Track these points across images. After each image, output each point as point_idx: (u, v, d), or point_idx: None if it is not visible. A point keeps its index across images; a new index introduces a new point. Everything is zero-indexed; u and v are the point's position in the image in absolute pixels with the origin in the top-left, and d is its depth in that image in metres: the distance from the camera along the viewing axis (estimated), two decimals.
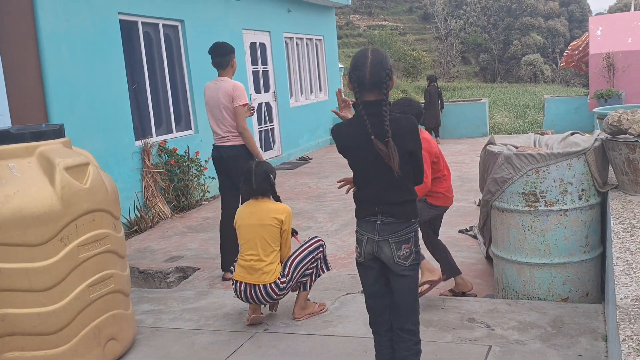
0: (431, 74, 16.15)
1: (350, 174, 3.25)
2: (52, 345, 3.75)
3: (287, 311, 4.78)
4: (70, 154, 3.93)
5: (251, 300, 4.50)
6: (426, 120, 14.36)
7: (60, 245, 3.72)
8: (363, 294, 3.36)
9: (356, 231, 3.21)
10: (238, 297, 4.58)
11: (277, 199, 4.65)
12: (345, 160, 3.16)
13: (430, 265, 4.66)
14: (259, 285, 4.42)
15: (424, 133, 3.84)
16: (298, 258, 4.54)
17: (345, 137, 3.12)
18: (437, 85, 14.92)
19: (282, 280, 4.45)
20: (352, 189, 3.27)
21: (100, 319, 4.01)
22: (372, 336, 3.33)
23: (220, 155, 5.91)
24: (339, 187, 3.52)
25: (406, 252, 3.11)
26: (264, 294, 4.44)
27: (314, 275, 4.65)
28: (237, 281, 4.51)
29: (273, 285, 4.42)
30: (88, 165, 3.98)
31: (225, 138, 5.87)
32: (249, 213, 4.52)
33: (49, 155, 3.78)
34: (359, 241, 3.18)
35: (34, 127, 4.00)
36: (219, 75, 5.97)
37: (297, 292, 4.68)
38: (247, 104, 5.84)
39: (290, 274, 4.48)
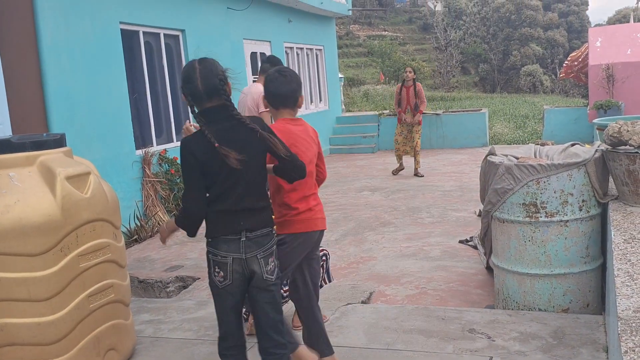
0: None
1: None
2: (51, 356, 3.73)
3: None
4: (71, 164, 3.93)
5: None
6: None
7: (61, 255, 3.71)
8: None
9: (210, 253, 3.06)
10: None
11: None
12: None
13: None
14: None
15: (277, 124, 3.60)
16: None
17: (196, 150, 2.95)
18: None
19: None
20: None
21: (100, 329, 4.00)
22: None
23: None
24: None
25: (272, 266, 3.06)
26: None
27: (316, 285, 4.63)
28: None
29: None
30: (89, 174, 3.97)
31: None
32: None
33: (49, 164, 3.78)
34: (220, 264, 3.01)
35: (34, 136, 4.00)
36: (256, 82, 6.31)
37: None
38: (263, 111, 5.99)
39: None
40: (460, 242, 6.82)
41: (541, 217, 4.44)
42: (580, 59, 15.60)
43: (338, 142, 16.33)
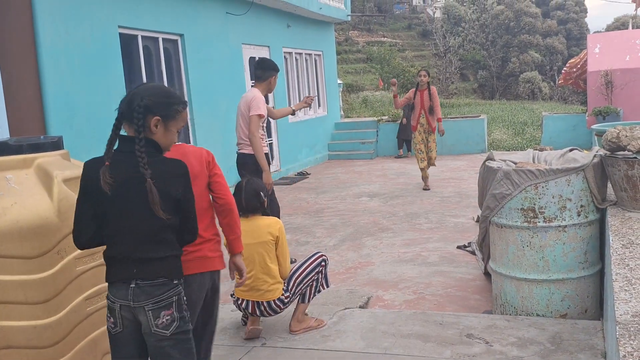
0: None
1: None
2: (47, 359, 3.71)
3: (284, 326, 4.75)
4: (69, 166, 3.91)
5: (254, 314, 4.49)
6: (404, 132, 15.53)
7: (57, 258, 3.69)
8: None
9: (107, 297, 2.82)
10: (240, 310, 4.58)
11: (266, 214, 4.61)
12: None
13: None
14: (263, 301, 4.42)
15: (186, 147, 3.40)
16: (302, 275, 4.53)
17: (93, 177, 2.71)
18: None
19: (285, 295, 4.45)
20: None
21: (97, 332, 3.98)
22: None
23: (237, 160, 6.38)
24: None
25: (166, 320, 2.68)
26: (268, 309, 4.43)
27: (313, 288, 4.63)
28: (239, 298, 4.50)
29: (277, 301, 4.42)
30: None
31: (240, 145, 6.25)
32: (243, 232, 4.50)
33: (47, 167, 3.76)
34: (111, 310, 2.78)
35: (32, 139, 3.99)
36: (254, 87, 6.35)
37: (295, 304, 4.67)
38: (261, 115, 6.06)
39: (293, 289, 4.49)
40: (458, 247, 6.82)
41: (539, 222, 4.44)
42: (579, 66, 15.63)
43: (336, 148, 16.33)
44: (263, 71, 6.29)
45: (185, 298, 2.80)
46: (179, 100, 2.84)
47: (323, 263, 4.65)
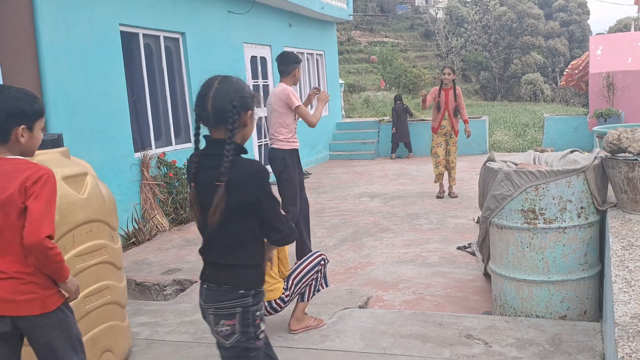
0: (396, 95, 17.18)
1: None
2: None
3: (284, 325, 4.75)
4: (68, 164, 3.92)
5: None
6: (398, 136, 15.63)
7: None
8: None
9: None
10: None
11: None
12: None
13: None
14: (264, 301, 4.41)
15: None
16: (301, 274, 4.53)
17: (188, 172, 2.69)
18: (402, 103, 15.98)
19: (285, 294, 4.46)
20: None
21: (96, 330, 3.98)
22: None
23: (267, 155, 6.51)
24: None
25: (226, 330, 2.62)
26: (268, 309, 4.44)
27: (312, 287, 4.63)
28: None
29: (278, 300, 4.42)
30: (86, 175, 3.96)
31: (270, 140, 6.44)
32: None
33: (46, 164, 3.76)
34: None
35: None
36: (279, 82, 6.52)
37: (295, 304, 4.67)
38: (298, 105, 6.29)
39: (293, 287, 4.49)
40: (459, 248, 6.81)
41: (539, 223, 4.43)
42: (581, 67, 15.62)
43: (338, 148, 16.33)
44: (285, 66, 6.39)
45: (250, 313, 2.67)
46: (250, 91, 2.70)
47: (322, 262, 4.64)
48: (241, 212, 2.58)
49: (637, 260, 3.24)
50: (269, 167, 6.04)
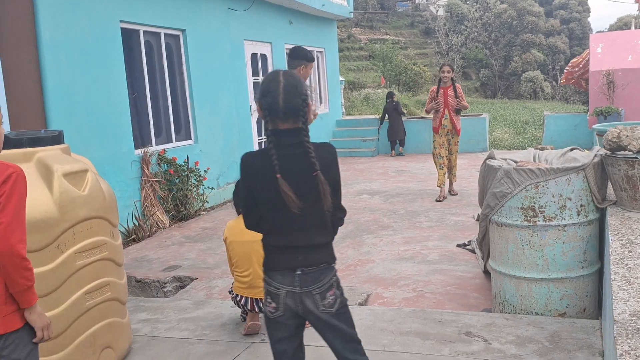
0: (389, 91, 17.15)
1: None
2: (46, 353, 3.72)
3: None
4: (69, 161, 3.92)
5: (252, 310, 4.50)
6: (391, 133, 15.61)
7: (57, 252, 3.71)
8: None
9: (265, 282, 2.82)
10: (239, 306, 4.59)
11: None
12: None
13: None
14: (261, 299, 4.42)
15: None
16: None
17: (256, 170, 2.71)
18: (393, 100, 15.90)
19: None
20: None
21: (96, 326, 3.99)
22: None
23: None
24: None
25: (331, 300, 2.80)
26: (261, 308, 4.45)
27: None
28: (237, 294, 4.52)
29: None
30: (86, 172, 3.97)
31: None
32: (240, 229, 4.51)
33: (47, 161, 3.77)
34: (273, 295, 2.78)
35: (32, 132, 4.00)
36: None
37: None
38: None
39: None
40: (458, 246, 6.82)
41: (539, 221, 4.44)
42: (581, 65, 15.62)
43: (338, 146, 16.29)
44: (291, 60, 6.11)
45: None
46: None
47: None
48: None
49: (637, 258, 3.25)
50: None
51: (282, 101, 2.64)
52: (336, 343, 2.89)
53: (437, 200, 9.41)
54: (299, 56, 6.07)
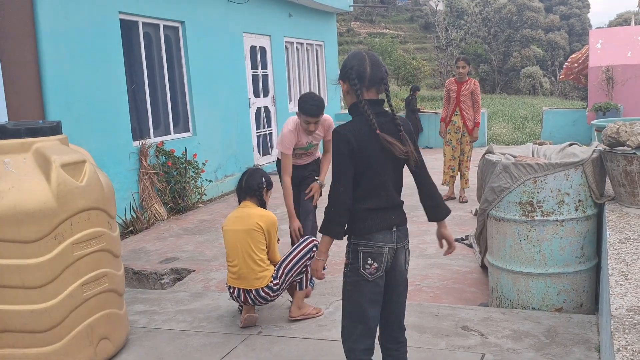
0: (413, 85, 17.35)
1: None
2: (44, 343, 3.73)
3: (281, 314, 4.76)
4: (67, 151, 3.91)
5: (246, 303, 4.50)
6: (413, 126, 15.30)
7: (55, 243, 3.70)
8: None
9: (363, 246, 2.99)
10: (233, 299, 4.60)
11: (263, 206, 4.64)
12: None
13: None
14: (252, 289, 4.43)
15: None
16: (292, 262, 4.53)
17: (356, 138, 2.91)
18: (410, 95, 16.25)
19: (274, 282, 4.45)
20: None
21: (93, 317, 3.99)
22: None
23: None
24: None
25: (409, 257, 3.22)
26: (257, 297, 4.45)
27: (308, 274, 4.63)
28: (230, 286, 4.53)
29: (266, 288, 4.43)
30: (84, 163, 3.96)
31: None
32: (234, 218, 4.54)
33: (45, 151, 3.76)
34: (375, 255, 2.99)
35: (30, 123, 3.99)
36: None
37: (294, 292, 4.68)
38: (284, 152, 6.02)
39: (283, 276, 4.49)
40: (456, 240, 6.81)
41: (537, 216, 4.44)
42: (580, 61, 15.61)
43: None
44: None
45: None
46: None
47: (315, 248, 4.63)
48: None
49: (634, 253, 3.25)
50: None
51: (370, 69, 2.93)
52: (401, 300, 3.25)
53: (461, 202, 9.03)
54: (299, 102, 6.01)
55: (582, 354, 3.81)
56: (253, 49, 12.46)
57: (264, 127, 12.86)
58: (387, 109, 3.03)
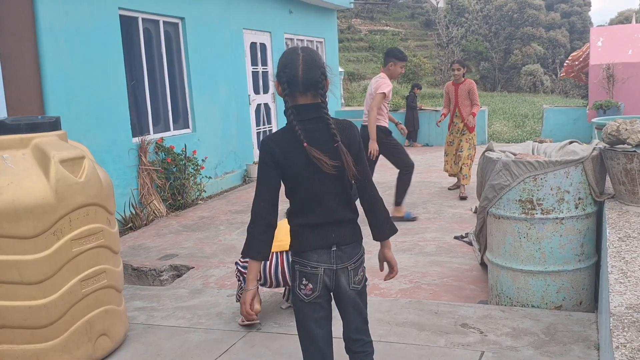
0: (415, 83, 17.64)
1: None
2: (42, 339, 3.72)
3: (280, 311, 4.76)
4: (66, 147, 3.90)
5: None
6: (408, 123, 15.92)
7: (53, 239, 3.70)
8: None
9: (297, 264, 2.77)
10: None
11: None
12: None
13: None
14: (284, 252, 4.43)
15: None
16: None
17: (282, 150, 2.64)
18: (410, 93, 16.49)
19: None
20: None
21: (92, 314, 3.99)
22: None
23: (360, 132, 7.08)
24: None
25: (361, 276, 2.87)
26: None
27: None
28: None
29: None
30: (83, 158, 3.95)
31: (364, 119, 7.58)
32: None
33: (44, 147, 3.76)
34: (310, 276, 2.74)
35: (29, 118, 3.98)
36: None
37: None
38: (384, 93, 7.33)
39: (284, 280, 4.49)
40: (456, 238, 6.82)
41: (537, 214, 4.43)
42: (581, 59, 15.60)
43: None
44: (385, 57, 7.67)
45: None
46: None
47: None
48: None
49: (634, 251, 3.25)
50: None
51: (302, 72, 2.63)
52: (353, 319, 2.89)
53: (449, 189, 9.71)
54: (390, 54, 7.62)
55: (581, 351, 3.81)
56: (253, 45, 12.45)
57: (264, 124, 12.85)
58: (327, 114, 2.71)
